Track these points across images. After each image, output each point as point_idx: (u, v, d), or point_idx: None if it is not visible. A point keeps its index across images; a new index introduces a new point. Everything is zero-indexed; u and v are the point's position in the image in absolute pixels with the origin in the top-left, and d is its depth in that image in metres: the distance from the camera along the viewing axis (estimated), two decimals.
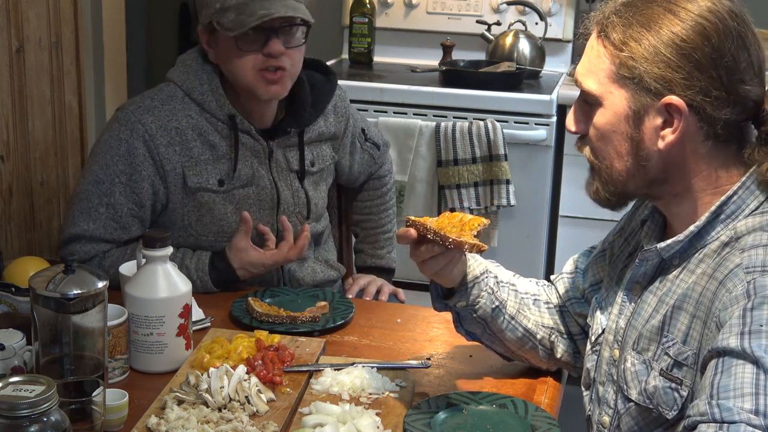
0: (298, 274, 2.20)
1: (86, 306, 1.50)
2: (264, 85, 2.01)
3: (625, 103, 1.35)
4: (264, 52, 1.98)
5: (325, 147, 2.22)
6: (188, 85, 2.06)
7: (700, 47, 1.30)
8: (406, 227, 1.52)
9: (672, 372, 1.35)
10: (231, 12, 1.96)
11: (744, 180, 1.35)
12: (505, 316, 1.65)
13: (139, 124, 2.01)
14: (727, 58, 1.30)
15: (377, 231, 2.44)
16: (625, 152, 1.37)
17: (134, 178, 2.01)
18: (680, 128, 1.32)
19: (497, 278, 1.66)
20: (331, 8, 3.90)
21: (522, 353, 1.70)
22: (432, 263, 1.53)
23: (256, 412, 1.51)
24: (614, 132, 1.37)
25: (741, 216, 1.34)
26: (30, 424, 1.22)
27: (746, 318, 1.21)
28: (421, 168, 3.24)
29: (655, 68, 1.31)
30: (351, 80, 3.39)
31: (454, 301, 1.63)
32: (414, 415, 1.52)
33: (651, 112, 1.34)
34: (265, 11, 1.95)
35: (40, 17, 2.46)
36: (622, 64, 1.34)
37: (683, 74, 1.30)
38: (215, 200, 2.06)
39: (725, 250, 1.32)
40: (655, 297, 1.42)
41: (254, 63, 1.99)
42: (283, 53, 1.99)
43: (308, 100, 2.15)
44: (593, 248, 1.70)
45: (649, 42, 1.32)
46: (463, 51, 3.67)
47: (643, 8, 1.34)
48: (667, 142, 1.34)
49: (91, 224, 2.02)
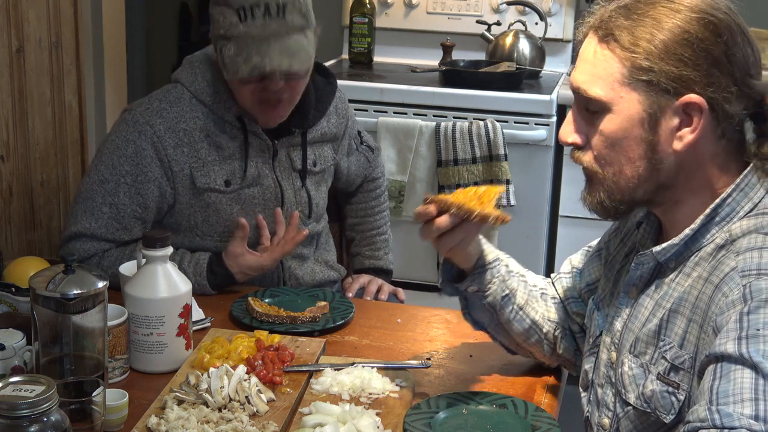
0: (298, 272, 2.20)
1: (86, 306, 1.50)
2: (263, 115, 2.03)
3: (638, 107, 1.32)
4: (261, 86, 1.97)
5: (326, 148, 2.23)
6: (196, 86, 2.06)
7: (714, 43, 1.29)
8: (424, 204, 1.50)
9: (669, 376, 1.34)
10: (231, 45, 1.94)
11: (738, 182, 1.34)
12: (514, 306, 1.64)
13: (147, 126, 2.01)
14: (739, 54, 1.30)
15: (373, 233, 2.45)
16: (637, 157, 1.34)
17: (140, 179, 2.02)
18: (699, 127, 1.30)
19: (508, 267, 1.65)
20: (331, 8, 3.90)
21: (527, 346, 1.69)
22: (448, 238, 1.51)
23: (256, 412, 1.51)
24: (626, 138, 1.34)
25: (735, 218, 1.33)
26: (30, 424, 1.22)
27: (743, 322, 1.20)
28: (421, 168, 3.24)
29: (672, 67, 1.29)
30: (351, 80, 3.39)
31: (466, 285, 1.61)
32: (414, 415, 1.52)
33: (668, 113, 1.31)
34: (259, 60, 1.91)
35: (40, 17, 2.46)
36: (635, 66, 1.31)
37: (701, 72, 1.28)
38: (222, 200, 2.07)
39: (720, 253, 1.32)
40: (651, 300, 1.41)
41: (253, 92, 1.99)
42: (281, 88, 1.98)
43: (312, 102, 2.15)
44: (590, 247, 1.70)
45: (661, 41, 1.29)
46: (463, 51, 3.67)
47: (647, 8, 1.32)
48: (686, 143, 1.32)
49: (93, 223, 2.02)
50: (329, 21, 3.82)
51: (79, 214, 2.03)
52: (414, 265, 3.30)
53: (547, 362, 1.72)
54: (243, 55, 1.92)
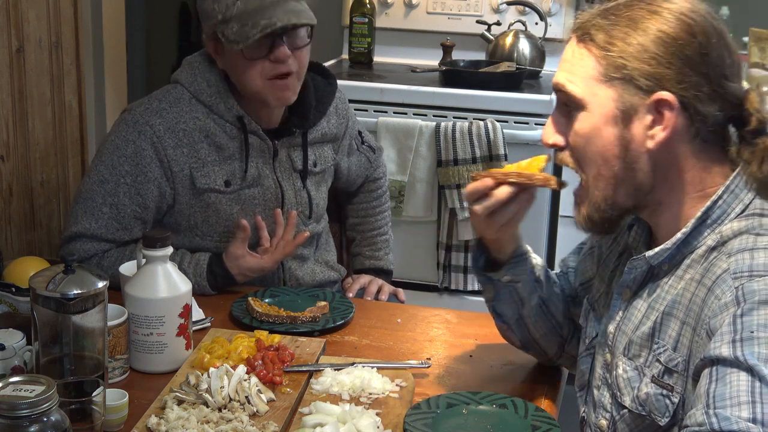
0: (298, 273, 2.20)
1: (86, 306, 1.51)
2: (274, 93, 2.02)
3: (612, 104, 1.34)
4: (271, 58, 1.98)
5: (326, 148, 2.23)
6: (195, 87, 2.06)
7: (689, 43, 1.30)
8: (479, 179, 1.49)
9: (663, 379, 1.35)
10: (234, 23, 1.95)
11: (728, 184, 1.34)
12: (540, 299, 1.65)
13: (147, 126, 2.01)
14: (713, 55, 1.31)
15: (374, 233, 2.44)
16: (612, 156, 1.35)
17: (140, 179, 2.02)
18: (670, 124, 1.32)
19: (536, 258, 1.66)
20: (331, 8, 3.90)
21: (542, 341, 1.69)
22: (502, 213, 1.50)
23: (256, 412, 1.51)
24: (600, 136, 1.35)
25: (727, 220, 1.34)
26: (30, 424, 1.22)
27: (737, 325, 1.20)
28: (421, 168, 3.24)
29: (645, 65, 1.31)
30: (351, 80, 3.39)
31: (501, 274, 1.61)
32: (414, 415, 1.52)
33: (640, 111, 1.33)
34: (267, 21, 1.93)
35: (40, 17, 2.45)
36: (610, 64, 1.33)
37: (674, 70, 1.30)
38: (222, 201, 2.07)
39: (712, 255, 1.32)
40: (645, 303, 1.41)
41: (262, 71, 1.99)
42: (289, 57, 1.99)
43: (312, 102, 2.15)
44: (583, 244, 1.70)
45: (636, 40, 1.31)
46: (463, 51, 3.67)
47: (625, 10, 1.35)
48: (658, 141, 1.33)
49: (94, 223, 2.02)
50: (329, 21, 3.82)
51: (79, 215, 2.03)
52: (414, 265, 3.30)
53: (552, 360, 1.73)
54: (249, 24, 1.94)
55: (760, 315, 1.20)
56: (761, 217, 1.32)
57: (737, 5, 3.44)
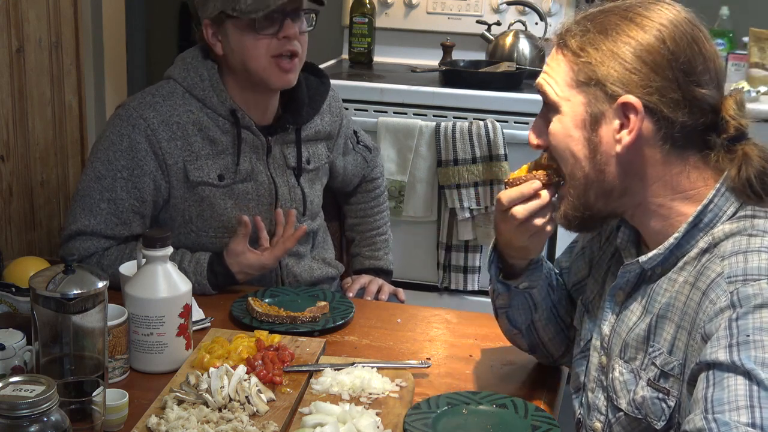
0: (296, 270, 2.20)
1: (86, 306, 1.51)
2: (277, 73, 2.02)
3: (582, 109, 1.37)
4: (280, 35, 2.00)
5: (320, 146, 2.23)
6: (189, 81, 2.06)
7: (656, 50, 1.32)
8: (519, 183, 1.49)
9: (659, 382, 1.35)
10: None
11: (718, 187, 1.35)
12: (551, 303, 1.66)
13: (141, 120, 2.02)
14: (683, 61, 1.32)
15: (373, 233, 2.45)
16: (583, 157, 1.38)
17: (136, 173, 2.02)
18: (636, 129, 1.33)
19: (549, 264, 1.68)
20: (331, 8, 3.88)
21: (550, 345, 1.70)
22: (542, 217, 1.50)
23: (256, 412, 1.51)
24: (571, 137, 1.38)
25: (719, 223, 1.34)
26: (30, 424, 1.22)
27: (733, 329, 1.20)
28: (421, 168, 3.24)
29: (612, 71, 1.33)
30: (351, 80, 3.39)
31: (520, 281, 1.61)
32: (414, 415, 1.52)
33: (608, 115, 1.35)
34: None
35: (40, 17, 2.46)
36: (581, 69, 1.36)
37: (640, 76, 1.32)
38: (215, 195, 2.07)
39: (705, 257, 1.33)
40: (639, 305, 1.42)
41: (268, 48, 2.00)
42: (298, 36, 2.01)
43: (305, 99, 2.16)
44: (574, 243, 1.70)
45: (606, 47, 1.34)
46: (463, 51, 3.67)
47: (601, 17, 1.38)
48: (624, 144, 1.34)
49: (92, 220, 2.02)
50: (329, 21, 3.82)
51: (78, 212, 2.03)
52: (414, 265, 3.30)
53: (555, 361, 1.73)
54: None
55: (755, 319, 1.20)
56: (753, 219, 1.32)
57: (737, 5, 3.44)
